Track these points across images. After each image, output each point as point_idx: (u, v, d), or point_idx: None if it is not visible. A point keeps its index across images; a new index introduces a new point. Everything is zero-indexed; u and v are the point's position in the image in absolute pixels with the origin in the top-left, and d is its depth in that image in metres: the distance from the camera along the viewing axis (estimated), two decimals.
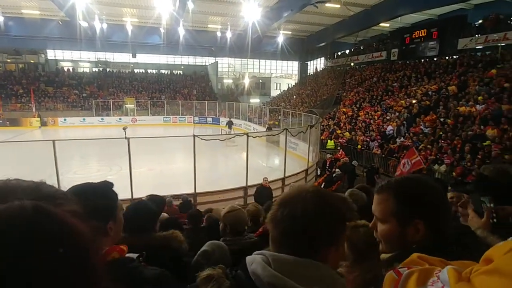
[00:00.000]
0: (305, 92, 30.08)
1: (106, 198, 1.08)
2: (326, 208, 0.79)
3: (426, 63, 19.79)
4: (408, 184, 0.96)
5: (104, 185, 1.13)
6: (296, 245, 0.77)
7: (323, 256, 0.77)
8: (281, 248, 0.78)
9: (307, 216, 0.76)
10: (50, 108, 28.69)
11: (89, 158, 15.11)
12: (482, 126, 11.26)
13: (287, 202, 0.81)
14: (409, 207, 0.92)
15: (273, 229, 0.81)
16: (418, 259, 0.71)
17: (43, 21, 26.70)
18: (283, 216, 0.78)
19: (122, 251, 1.07)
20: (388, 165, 12.83)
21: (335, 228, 0.79)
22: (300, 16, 23.95)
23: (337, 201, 0.82)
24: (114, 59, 36.32)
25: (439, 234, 0.90)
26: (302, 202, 0.78)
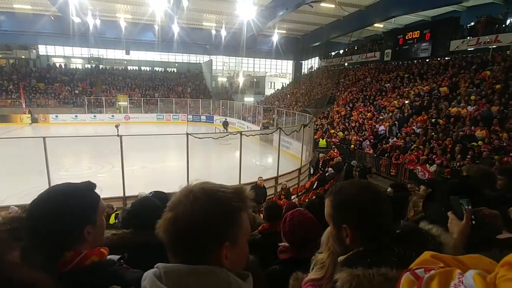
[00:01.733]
0: (299, 91, 30.16)
1: (84, 201, 1.02)
2: (211, 204, 0.74)
3: (418, 64, 20.01)
4: (343, 191, 1.00)
5: (85, 186, 1.07)
6: (186, 251, 0.73)
7: (218, 256, 0.73)
8: (175, 258, 0.74)
9: (189, 218, 0.72)
10: (42, 104, 28.27)
11: (81, 155, 14.96)
12: (472, 127, 11.45)
13: (171, 207, 0.76)
14: (338, 213, 0.97)
15: (163, 237, 0.75)
16: (431, 258, 0.68)
17: (35, 16, 26.30)
18: (167, 223, 0.74)
19: (102, 254, 1.03)
20: (380, 165, 12.96)
21: (222, 225, 0.74)
22: (295, 15, 24.01)
23: (225, 194, 0.76)
24: (107, 55, 35.94)
25: (370, 238, 0.91)
26: (184, 204, 0.74)
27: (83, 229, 1.00)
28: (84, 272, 0.95)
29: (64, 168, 12.03)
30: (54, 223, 0.94)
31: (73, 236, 0.98)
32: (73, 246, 0.97)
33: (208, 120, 29.17)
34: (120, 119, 26.34)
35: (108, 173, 11.18)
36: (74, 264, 0.95)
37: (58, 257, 0.94)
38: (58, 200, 0.98)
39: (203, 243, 0.73)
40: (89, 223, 1.02)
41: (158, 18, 24.93)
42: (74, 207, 0.98)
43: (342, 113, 19.97)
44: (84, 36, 27.14)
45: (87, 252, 0.98)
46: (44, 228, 0.94)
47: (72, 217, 0.97)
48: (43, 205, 0.97)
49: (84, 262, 0.96)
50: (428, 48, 19.46)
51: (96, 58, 35.59)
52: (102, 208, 1.10)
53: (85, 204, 1.03)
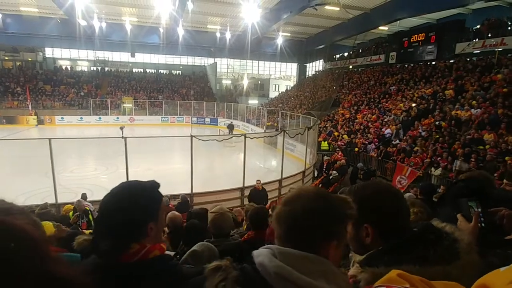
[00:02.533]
0: (303, 94, 30.15)
1: (149, 199, 1.10)
2: (325, 206, 0.82)
3: (423, 66, 19.91)
4: (362, 191, 1.03)
5: (151, 185, 1.15)
6: (299, 240, 0.80)
7: (324, 252, 0.80)
8: (285, 244, 0.82)
9: (307, 213, 0.80)
10: (48, 106, 28.57)
11: (86, 157, 15.07)
12: (479, 130, 11.34)
13: (289, 201, 0.85)
14: (360, 212, 0.97)
15: (278, 227, 0.85)
16: (397, 276, 0.67)
17: (42, 19, 26.63)
18: (285, 214, 0.83)
19: (163, 249, 1.11)
20: (386, 168, 12.88)
21: (334, 225, 0.82)
22: (299, 18, 24.05)
23: (337, 200, 0.85)
24: (112, 58, 36.25)
25: (390, 238, 0.94)
26: (302, 201, 0.83)
27: (146, 224, 1.07)
28: (149, 264, 1.04)
29: (70, 170, 12.12)
30: (125, 216, 1.02)
31: (140, 230, 1.06)
32: (139, 240, 1.05)
33: (212, 123, 29.24)
34: (125, 121, 26.52)
35: (113, 175, 11.25)
36: (139, 256, 1.02)
37: (125, 248, 1.02)
38: (129, 195, 1.08)
39: (316, 235, 0.81)
40: (152, 219, 1.09)
41: (163, 21, 25.10)
42: (142, 203, 1.07)
43: (347, 115, 19.91)
44: (90, 39, 27.42)
45: (150, 246, 1.06)
46: (116, 219, 1.03)
47: (140, 212, 1.06)
48: (116, 199, 1.07)
49: (148, 255, 1.04)
50: (434, 50, 19.35)
51: (101, 60, 35.91)
52: (163, 206, 1.18)
53: (151, 201, 1.11)
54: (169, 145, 14.97)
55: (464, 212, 1.26)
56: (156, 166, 13.00)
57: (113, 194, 1.09)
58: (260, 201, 8.50)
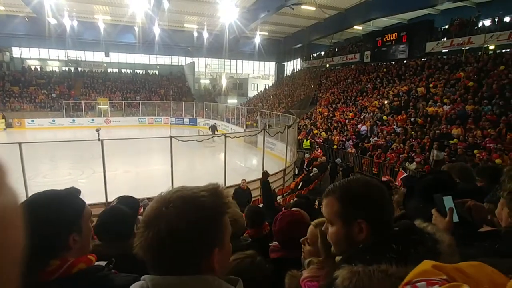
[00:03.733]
0: (282, 92, 30.40)
1: (67, 208, 1.00)
2: (195, 213, 0.71)
3: (397, 65, 20.62)
4: (351, 186, 0.99)
5: (68, 193, 1.04)
6: (175, 265, 0.70)
7: (209, 263, 0.72)
8: (161, 270, 0.70)
9: (175, 233, 0.68)
10: (16, 109, 27.16)
11: (59, 161, 14.47)
12: (448, 126, 11.91)
13: (150, 222, 0.71)
14: (352, 208, 0.95)
15: (146, 257, 0.71)
16: (432, 268, 0.62)
17: (8, 17, 25.32)
18: (149, 240, 0.69)
19: (89, 261, 1.01)
20: (363, 164, 13.25)
21: (211, 231, 0.73)
22: (276, 17, 24.21)
23: (205, 199, 0.74)
24: (85, 58, 34.96)
25: (382, 233, 0.92)
26: (166, 218, 0.69)
27: (68, 237, 0.97)
28: (72, 280, 0.93)
29: (42, 175, 11.61)
30: (37, 231, 0.90)
31: (58, 245, 0.96)
32: (59, 255, 0.95)
33: (191, 123, 28.89)
34: (100, 123, 25.67)
35: (89, 179, 10.88)
36: (61, 272, 0.92)
37: (42, 266, 0.92)
38: (40, 208, 0.96)
39: (193, 254, 0.70)
40: (74, 230, 0.99)
41: (138, 20, 24.51)
42: (57, 215, 0.95)
43: (325, 113, 20.27)
44: (60, 38, 26.32)
45: (73, 260, 0.96)
46: (27, 237, 0.91)
47: (55, 225, 0.95)
48: (27, 212, 0.94)
49: (71, 270, 0.94)
50: (405, 49, 20.08)
51: (74, 60, 34.56)
52: (87, 215, 1.07)
53: (69, 211, 1.00)
54: (148, 147, 14.65)
55: (439, 207, 1.29)
56: (135, 168, 12.71)
57: (25, 207, 0.94)
58: (244, 201, 8.51)
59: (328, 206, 0.99)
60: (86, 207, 1.07)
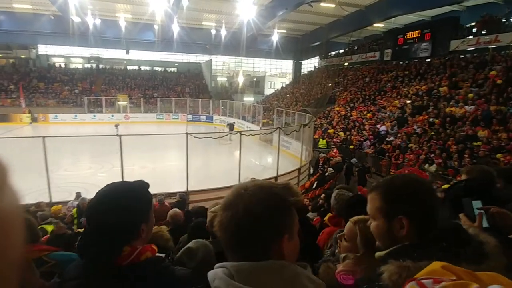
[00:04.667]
0: (298, 91, 30.17)
1: (140, 200, 1.08)
2: (268, 200, 0.76)
3: (418, 63, 20.02)
4: (394, 182, 1.00)
5: (140, 185, 1.12)
6: (251, 248, 0.74)
7: (278, 250, 0.75)
8: (237, 255, 0.75)
9: (251, 215, 0.73)
10: (41, 104, 28.26)
11: (80, 155, 14.96)
12: (473, 127, 11.45)
13: (228, 205, 0.77)
14: (393, 204, 0.96)
15: (223, 236, 0.76)
16: (442, 268, 0.62)
17: (35, 15, 26.26)
18: (227, 221, 0.75)
19: (154, 250, 1.08)
20: (380, 165, 12.97)
21: (282, 218, 0.76)
22: (294, 15, 23.99)
23: (279, 190, 0.78)
24: (107, 55, 35.89)
25: (425, 231, 0.91)
26: (243, 201, 0.75)
27: (140, 225, 1.06)
28: (141, 267, 1.01)
29: (64, 168, 12.03)
30: (116, 219, 0.99)
31: (133, 232, 1.04)
32: (131, 242, 1.03)
33: (207, 120, 29.14)
34: (119, 119, 26.32)
35: (108, 173, 11.19)
36: (131, 259, 1.00)
37: (118, 251, 1.00)
38: (118, 197, 1.04)
39: (265, 236, 0.74)
40: (144, 220, 1.08)
41: (158, 18, 24.89)
42: (133, 205, 1.04)
43: (342, 113, 19.98)
44: (84, 36, 27.09)
45: (141, 248, 1.04)
46: (106, 223, 1.00)
47: (132, 214, 1.03)
48: (106, 203, 1.03)
49: (140, 257, 1.02)
50: (428, 48, 19.45)
51: (96, 57, 35.57)
52: (153, 207, 1.16)
53: (142, 202, 1.09)
54: (165, 143, 14.91)
55: (468, 212, 1.23)
56: (151, 164, 12.97)
57: (102, 196, 1.04)
58: None
59: (371, 202, 1.02)
60: (153, 199, 1.16)
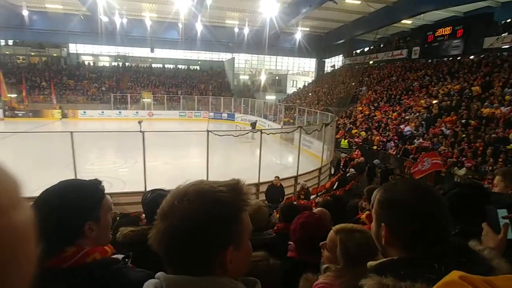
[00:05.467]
0: (321, 90, 29.70)
1: (86, 196, 1.02)
2: (209, 207, 0.67)
3: (449, 62, 19.12)
4: (393, 188, 0.93)
5: (89, 183, 1.07)
6: (187, 261, 0.67)
7: (223, 262, 0.68)
8: (175, 268, 0.68)
9: (187, 226, 0.65)
10: (71, 100, 29.56)
11: (106, 150, 15.45)
12: (506, 129, 10.79)
13: (164, 215, 0.69)
14: (383, 209, 0.91)
15: (158, 249, 0.69)
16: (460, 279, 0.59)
17: (66, 15, 27.47)
18: (161, 233, 0.67)
19: (105, 252, 1.01)
20: (404, 166, 12.50)
21: (226, 227, 0.68)
22: (318, 12, 23.62)
23: (223, 194, 0.69)
24: (133, 53, 36.96)
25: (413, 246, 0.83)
26: (179, 211, 0.67)
27: (83, 224, 0.99)
28: (84, 269, 0.94)
29: (90, 162, 12.46)
30: (54, 215, 0.94)
31: (72, 231, 0.97)
32: (74, 242, 0.96)
33: (229, 118, 29.32)
34: (144, 116, 27.03)
35: (131, 168, 11.47)
36: (74, 260, 0.93)
37: (57, 251, 0.93)
38: (61, 193, 0.99)
39: (205, 251, 0.67)
40: (91, 219, 1.01)
41: (182, 17, 25.31)
42: (75, 201, 0.98)
43: (366, 112, 19.46)
44: (111, 35, 28.04)
45: (89, 249, 0.97)
46: (45, 220, 0.95)
47: (72, 211, 0.97)
48: (47, 198, 0.98)
49: (85, 259, 0.95)
50: (460, 45, 18.53)
51: (122, 56, 36.69)
52: (107, 206, 1.08)
53: (87, 199, 1.02)
54: (187, 140, 15.12)
55: (491, 221, 1.12)
56: (173, 160, 13.17)
57: (45, 193, 1.00)
58: (276, 198, 8.45)
59: (374, 201, 0.98)
60: (106, 198, 1.08)
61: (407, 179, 1.29)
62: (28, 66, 32.09)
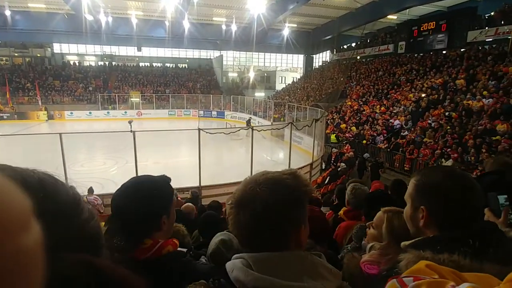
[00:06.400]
0: (310, 85, 29.87)
1: (162, 192, 1.11)
2: (284, 194, 0.76)
3: (434, 56, 19.49)
4: (429, 173, 1.00)
5: (162, 180, 1.15)
6: (270, 241, 0.75)
7: (295, 240, 0.77)
8: (256, 248, 0.75)
9: (271, 210, 0.74)
10: (57, 101, 28.94)
11: (95, 151, 15.26)
12: (491, 121, 11.10)
13: (243, 202, 0.76)
14: (421, 194, 0.97)
15: (242, 233, 0.77)
16: (426, 267, 0.62)
17: (49, 14, 26.79)
18: (246, 219, 0.75)
19: (176, 244, 1.10)
20: (394, 160, 12.75)
21: (299, 209, 0.78)
22: (306, 8, 23.69)
23: (291, 181, 0.78)
24: (119, 52, 36.38)
25: (448, 227, 0.90)
26: (259, 197, 0.75)
27: (161, 218, 1.07)
28: (163, 261, 1.02)
29: (80, 164, 12.30)
30: (138, 209, 1.01)
31: (152, 223, 1.06)
32: (152, 235, 1.05)
33: (219, 116, 29.26)
34: (132, 115, 26.72)
35: (122, 169, 11.38)
36: (153, 252, 1.01)
37: (139, 243, 1.01)
38: (142, 190, 1.07)
39: (286, 229, 0.75)
40: (165, 213, 1.10)
41: (168, 14, 25.02)
42: (154, 196, 1.07)
43: (355, 107, 19.70)
44: (96, 34, 27.48)
45: (164, 242, 1.05)
46: (129, 214, 1.01)
47: (154, 206, 1.06)
48: (129, 193, 1.05)
49: (161, 251, 1.03)
50: (444, 39, 18.89)
51: (108, 55, 36.07)
52: (174, 201, 1.19)
53: (164, 195, 1.11)
54: (177, 139, 15.05)
55: (493, 206, 1.20)
56: (164, 159, 13.10)
57: (125, 189, 1.07)
58: None
59: (409, 186, 1.04)
60: (174, 193, 1.16)
61: (441, 166, 1.37)
62: (11, 67, 31.25)
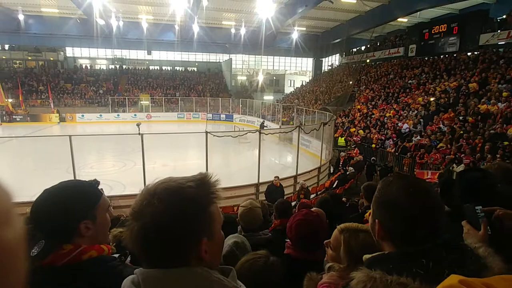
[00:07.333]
0: (319, 89, 29.75)
1: (83, 196, 1.06)
2: (179, 204, 0.69)
3: (445, 59, 19.20)
4: (386, 186, 0.95)
5: (86, 184, 1.11)
6: (164, 256, 0.69)
7: (198, 253, 0.71)
8: (150, 263, 0.70)
9: (161, 225, 0.68)
10: (69, 104, 29.47)
11: (105, 153, 15.44)
12: (504, 125, 10.86)
13: (137, 213, 0.71)
14: (375, 204, 0.95)
15: (134, 248, 0.71)
16: (459, 283, 0.59)
17: (62, 19, 27.38)
18: (135, 234, 0.69)
19: (101, 249, 1.03)
20: (403, 164, 12.55)
21: (198, 221, 0.71)
22: (314, 12, 23.66)
23: (191, 190, 0.72)
24: (130, 56, 36.92)
25: (402, 243, 0.86)
26: (150, 210, 0.69)
27: (78, 223, 1.01)
28: (81, 266, 0.96)
29: (89, 165, 12.45)
30: (51, 214, 0.98)
31: (67, 229, 1.00)
32: (72, 240, 1.00)
33: (227, 119, 29.31)
34: (142, 118, 26.99)
35: (131, 171, 11.47)
36: (71, 257, 0.96)
37: (54, 249, 0.96)
38: (57, 193, 1.03)
39: (179, 246, 0.70)
40: (87, 218, 1.04)
41: (178, 18, 25.33)
42: (70, 201, 1.02)
43: (364, 111, 19.51)
44: (108, 38, 27.98)
45: (87, 247, 1.00)
46: (43, 218, 0.99)
47: (68, 210, 1.01)
48: (46, 198, 1.02)
49: (81, 256, 0.98)
50: (456, 42, 18.62)
51: (119, 58, 36.64)
52: (104, 205, 1.11)
53: (84, 199, 1.06)
54: (185, 141, 15.13)
55: (471, 219, 1.14)
56: (172, 162, 13.19)
57: (43, 194, 1.03)
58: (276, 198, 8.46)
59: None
60: (103, 198, 1.12)
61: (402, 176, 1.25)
62: (25, 70, 31.98)
